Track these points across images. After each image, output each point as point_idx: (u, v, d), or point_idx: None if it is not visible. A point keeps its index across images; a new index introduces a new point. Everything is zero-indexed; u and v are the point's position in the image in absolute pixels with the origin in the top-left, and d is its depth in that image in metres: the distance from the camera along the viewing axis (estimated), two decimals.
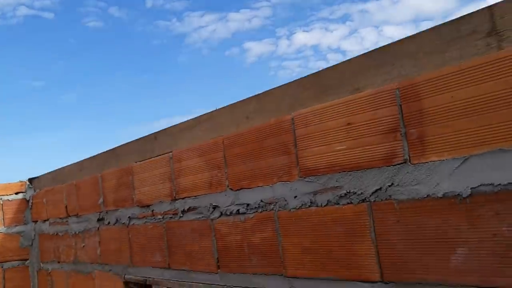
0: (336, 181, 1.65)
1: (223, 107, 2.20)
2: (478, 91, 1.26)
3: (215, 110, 2.24)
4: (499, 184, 1.23)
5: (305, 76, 1.80)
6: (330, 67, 1.69)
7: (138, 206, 2.82)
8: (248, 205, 2.03)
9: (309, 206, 1.76)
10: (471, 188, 1.29)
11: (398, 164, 1.46)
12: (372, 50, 1.55)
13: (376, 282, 1.54)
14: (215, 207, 2.23)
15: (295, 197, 1.81)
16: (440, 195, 1.35)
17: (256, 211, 1.99)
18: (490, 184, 1.25)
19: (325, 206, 1.70)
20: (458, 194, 1.31)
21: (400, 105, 1.45)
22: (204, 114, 2.31)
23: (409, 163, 1.43)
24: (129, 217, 2.92)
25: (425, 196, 1.39)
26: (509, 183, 1.21)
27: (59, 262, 3.98)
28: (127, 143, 2.97)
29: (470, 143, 1.28)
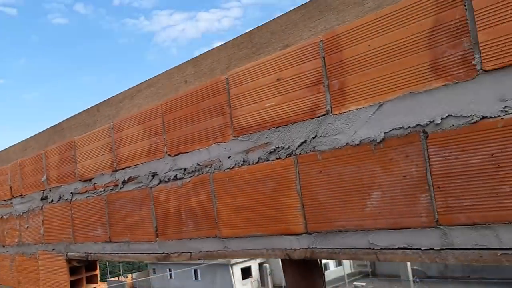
0: (267, 137, 1.67)
1: (161, 73, 2.20)
2: (391, 38, 1.31)
3: (154, 77, 2.23)
4: (409, 127, 1.28)
5: (239, 36, 1.82)
6: (262, 25, 1.72)
7: (80, 180, 2.77)
8: (185, 169, 2.03)
9: (242, 165, 1.77)
10: (384, 133, 1.33)
11: (321, 115, 1.49)
12: (300, 6, 1.59)
13: (301, 234, 1.57)
14: (154, 175, 2.22)
15: (229, 157, 1.82)
16: (357, 142, 1.40)
17: (193, 175, 1.99)
18: (401, 128, 1.30)
19: (256, 163, 1.72)
20: (373, 139, 1.36)
21: (324, 58, 1.48)
22: (144, 82, 2.30)
23: (331, 114, 1.47)
24: (71, 192, 2.86)
25: (344, 144, 1.43)
26: (417, 125, 1.26)
27: (4, 246, 3.86)
28: (70, 117, 2.92)
29: (384, 89, 1.33)
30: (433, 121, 1.23)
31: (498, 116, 1.11)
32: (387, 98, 1.32)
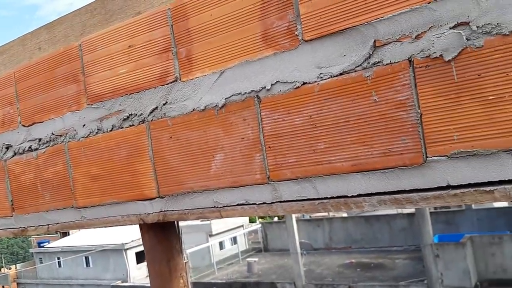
0: (120, 104, 1.68)
1: (14, 40, 2.07)
2: (229, 9, 1.39)
3: (6, 44, 2.10)
4: (245, 93, 1.38)
5: (92, 2, 1.78)
6: None
7: None
8: (40, 140, 1.96)
9: (97, 133, 1.76)
10: (225, 99, 1.42)
11: (171, 82, 1.54)
12: None
13: (154, 198, 1.62)
14: (8, 147, 2.10)
15: (84, 125, 1.80)
16: (202, 107, 1.47)
17: (48, 145, 1.93)
18: (239, 94, 1.39)
19: (110, 131, 1.72)
20: (216, 105, 1.44)
21: (172, 26, 1.53)
22: None
23: (179, 81, 1.52)
24: None
25: (192, 110, 1.50)
26: (252, 90, 1.37)
27: None
28: None
29: (225, 57, 1.41)
30: (265, 87, 1.34)
31: (315, 81, 1.25)
32: (227, 66, 1.41)
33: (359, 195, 1.21)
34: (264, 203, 1.38)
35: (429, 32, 1.08)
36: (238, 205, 1.43)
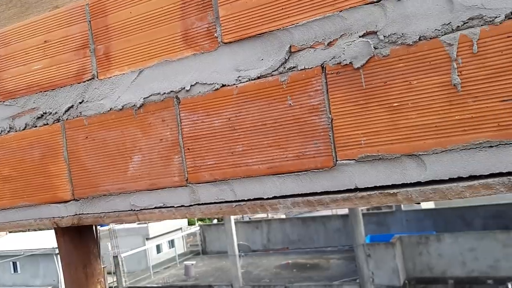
0: (34, 102, 1.59)
1: None
2: (149, 7, 1.36)
3: None
4: (165, 93, 1.36)
5: None
6: None
7: None
8: None
9: (8, 131, 1.66)
10: (143, 98, 1.39)
11: (87, 80, 1.48)
12: None
13: (69, 201, 1.55)
14: None
15: None
16: (120, 107, 1.43)
17: None
18: (158, 94, 1.37)
19: (23, 130, 1.62)
20: (134, 104, 1.40)
21: (90, 21, 1.47)
22: None
23: (97, 79, 1.47)
24: None
25: (109, 109, 1.45)
26: (171, 91, 1.35)
27: None
28: None
29: (144, 56, 1.38)
30: (184, 87, 1.32)
31: (234, 84, 1.25)
32: (146, 65, 1.38)
33: (274, 197, 1.23)
34: (182, 206, 1.36)
35: (341, 40, 1.11)
36: (155, 208, 1.40)
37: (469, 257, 15.28)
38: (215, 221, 28.79)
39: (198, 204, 1.34)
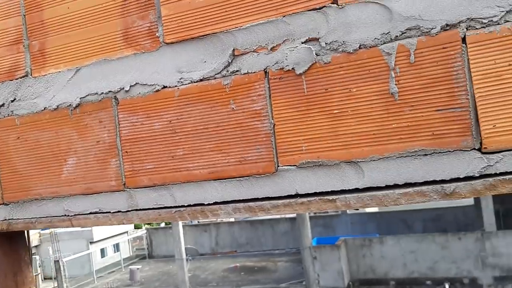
0: None
1: None
2: (88, 3, 1.30)
3: None
4: (102, 93, 1.30)
5: None
6: None
7: None
8: None
9: None
10: (80, 98, 1.32)
11: (21, 77, 1.40)
12: None
13: None
14: None
15: None
16: (54, 106, 1.35)
17: None
18: (95, 93, 1.31)
19: None
20: (70, 104, 1.33)
21: (24, 15, 1.39)
22: None
23: (31, 76, 1.39)
24: None
25: (43, 109, 1.37)
26: (110, 91, 1.29)
27: None
28: None
29: (82, 54, 1.32)
30: (123, 88, 1.27)
31: (176, 86, 1.22)
32: (84, 63, 1.32)
33: (216, 203, 1.20)
34: (119, 211, 1.31)
35: (284, 45, 1.11)
36: (91, 213, 1.34)
37: (409, 259, 15.89)
38: (162, 224, 28.26)
39: (136, 210, 1.29)
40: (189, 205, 1.23)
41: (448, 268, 15.27)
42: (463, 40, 0.97)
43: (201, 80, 1.20)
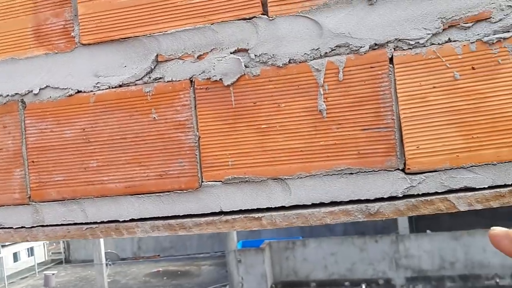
0: None
1: None
2: None
3: None
4: (8, 95, 1.17)
5: None
6: None
7: None
8: None
9: None
10: None
11: None
12: None
13: None
14: None
15: None
16: None
17: None
18: (0, 96, 1.17)
19: None
20: None
21: None
22: None
23: None
24: None
25: None
26: (16, 93, 1.16)
27: None
28: None
29: None
30: (32, 91, 1.15)
31: (91, 91, 1.12)
32: None
33: (132, 220, 1.11)
34: (22, 227, 1.17)
35: (211, 54, 1.05)
36: None
37: (330, 261, 16.45)
38: None
39: (42, 226, 1.16)
40: (102, 222, 1.13)
41: (365, 269, 16.01)
42: (391, 60, 0.97)
43: (120, 85, 1.11)
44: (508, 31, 0.91)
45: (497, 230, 0.65)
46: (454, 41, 0.94)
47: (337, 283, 16.19)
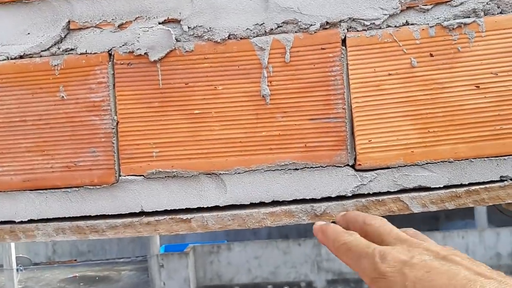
0: None
1: None
2: None
3: None
4: None
5: None
6: None
7: None
8: None
9: None
10: None
11: None
12: None
13: None
14: None
15: None
16: None
17: None
18: None
19: None
20: None
21: None
22: None
23: None
24: None
25: None
26: None
27: None
28: None
29: None
30: None
31: None
32: None
33: (31, 221, 0.91)
34: None
35: (135, 23, 0.88)
36: None
37: (254, 264, 16.45)
38: None
39: None
40: None
41: (288, 272, 16.20)
42: (343, 42, 0.86)
43: (21, 57, 0.90)
44: (469, 17, 0.83)
45: (317, 224, 0.65)
46: (412, 24, 0.85)
47: (260, 287, 16.25)
